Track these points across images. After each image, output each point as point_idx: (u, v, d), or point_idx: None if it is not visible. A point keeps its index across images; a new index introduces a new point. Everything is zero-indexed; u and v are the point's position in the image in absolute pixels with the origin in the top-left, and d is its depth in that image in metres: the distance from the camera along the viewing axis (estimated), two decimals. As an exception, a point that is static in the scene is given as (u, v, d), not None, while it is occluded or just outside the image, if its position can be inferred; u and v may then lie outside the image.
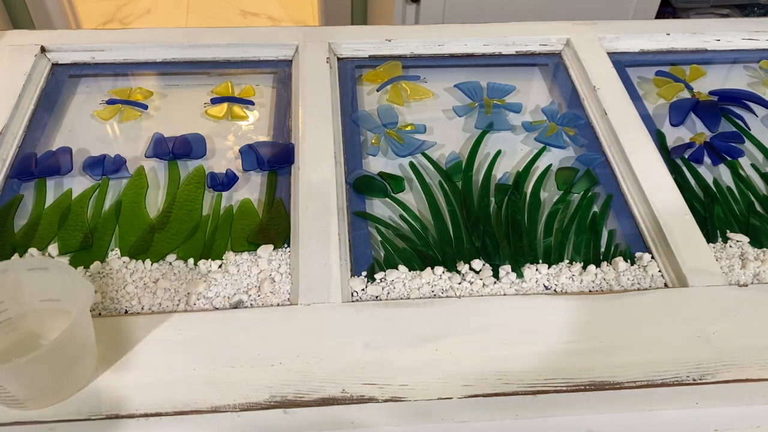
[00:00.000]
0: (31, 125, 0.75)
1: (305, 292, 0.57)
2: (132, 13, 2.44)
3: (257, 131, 0.78)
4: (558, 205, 0.69)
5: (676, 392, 0.52)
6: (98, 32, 0.89)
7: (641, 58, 0.91)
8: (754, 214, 0.70)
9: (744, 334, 0.55)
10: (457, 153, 0.76)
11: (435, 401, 0.50)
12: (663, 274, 0.62)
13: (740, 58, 0.93)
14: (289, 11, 2.49)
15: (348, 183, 0.70)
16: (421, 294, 0.59)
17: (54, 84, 0.82)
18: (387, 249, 0.64)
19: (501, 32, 0.90)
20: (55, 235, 0.63)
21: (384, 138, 0.77)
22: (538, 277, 0.62)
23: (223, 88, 0.83)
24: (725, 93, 0.86)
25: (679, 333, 0.55)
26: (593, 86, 0.82)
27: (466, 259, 0.63)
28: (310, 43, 0.86)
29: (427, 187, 0.71)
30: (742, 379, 0.53)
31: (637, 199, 0.69)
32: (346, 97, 0.81)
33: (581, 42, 0.89)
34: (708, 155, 0.77)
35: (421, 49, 0.89)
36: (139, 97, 0.81)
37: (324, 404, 0.50)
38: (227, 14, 2.46)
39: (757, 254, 0.65)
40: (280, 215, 0.66)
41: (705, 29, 0.93)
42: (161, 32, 0.87)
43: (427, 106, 0.83)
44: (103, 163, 0.71)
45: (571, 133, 0.79)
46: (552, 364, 0.53)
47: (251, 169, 0.72)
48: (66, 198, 0.68)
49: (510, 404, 0.51)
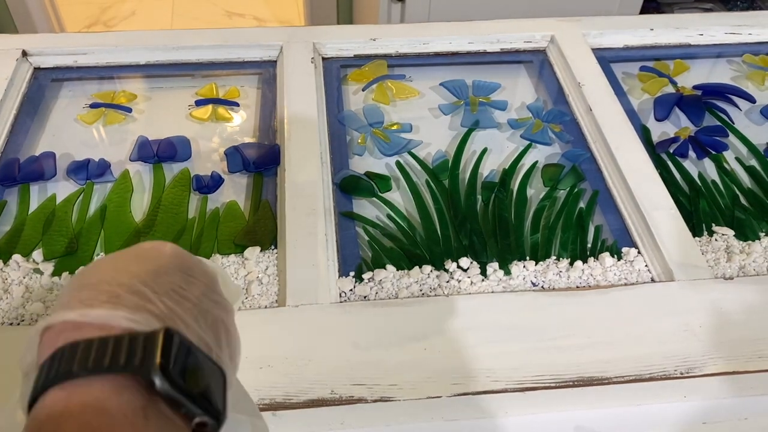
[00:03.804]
0: (13, 130, 0.75)
1: (293, 293, 0.57)
2: (116, 15, 2.42)
3: (242, 133, 0.78)
4: (544, 202, 0.70)
5: (664, 386, 0.52)
6: (80, 36, 0.88)
7: (625, 53, 0.92)
8: (739, 207, 0.70)
9: (730, 328, 0.56)
10: (443, 151, 0.76)
11: (424, 400, 0.50)
12: (649, 269, 0.63)
13: (724, 53, 0.94)
14: (275, 11, 2.48)
15: (334, 183, 0.70)
16: (409, 293, 0.59)
17: (36, 88, 0.81)
18: (375, 249, 0.64)
19: (486, 30, 0.90)
20: (40, 241, 0.63)
21: (370, 137, 0.77)
22: (525, 274, 0.62)
23: (207, 89, 0.82)
24: (709, 87, 0.87)
25: (666, 327, 0.55)
26: (578, 82, 0.82)
27: (453, 258, 0.63)
28: (295, 44, 0.85)
29: (414, 186, 0.71)
30: (729, 371, 0.53)
31: (623, 194, 0.69)
32: (332, 97, 0.81)
33: (565, 38, 0.89)
34: (693, 149, 0.77)
35: (406, 47, 0.89)
36: (122, 101, 0.80)
37: (313, 406, 0.49)
38: (213, 15, 2.45)
39: (743, 247, 0.65)
40: (267, 217, 0.66)
41: (688, 24, 0.93)
42: (144, 35, 0.86)
43: (413, 104, 0.83)
44: (87, 168, 0.70)
45: (556, 129, 0.79)
46: (540, 360, 0.53)
47: (237, 171, 0.71)
48: (50, 203, 0.67)
49: (499, 402, 0.51)
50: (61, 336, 0.27)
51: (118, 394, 0.25)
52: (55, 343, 0.26)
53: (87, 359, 0.25)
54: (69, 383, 0.25)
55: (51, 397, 0.25)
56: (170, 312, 0.29)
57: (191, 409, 0.26)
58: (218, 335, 0.31)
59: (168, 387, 0.25)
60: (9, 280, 0.59)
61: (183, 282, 0.31)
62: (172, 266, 0.31)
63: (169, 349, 0.26)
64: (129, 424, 0.24)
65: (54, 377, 0.25)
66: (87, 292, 0.28)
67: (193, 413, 0.26)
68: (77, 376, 0.25)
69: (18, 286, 0.58)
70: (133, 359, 0.25)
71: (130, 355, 0.25)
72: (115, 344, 0.26)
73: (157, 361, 0.25)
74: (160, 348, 0.26)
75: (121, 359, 0.25)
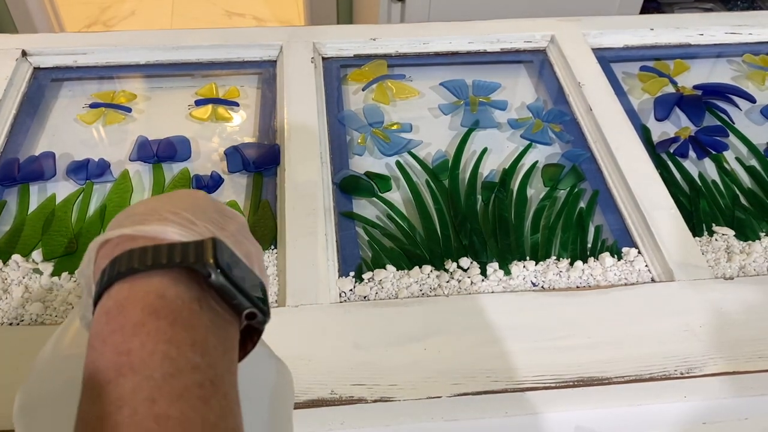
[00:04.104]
0: (13, 130, 0.75)
1: (293, 293, 0.57)
2: (116, 15, 2.42)
3: (242, 132, 0.78)
4: (544, 202, 0.70)
5: (664, 386, 0.52)
6: (80, 35, 0.88)
7: (625, 53, 0.92)
8: (740, 207, 0.70)
9: (730, 328, 0.56)
10: (443, 151, 0.76)
11: (424, 400, 0.50)
12: (649, 269, 0.63)
13: (724, 52, 0.94)
14: (275, 11, 2.48)
15: (334, 183, 0.70)
16: (409, 293, 0.59)
17: (36, 88, 0.81)
18: (374, 249, 0.64)
19: (485, 30, 0.90)
20: (39, 241, 0.63)
21: (370, 137, 0.77)
22: (525, 274, 0.62)
23: (207, 89, 0.82)
24: (709, 87, 0.87)
25: (666, 327, 0.55)
26: (578, 82, 0.82)
27: (453, 258, 0.63)
28: (295, 43, 0.85)
29: (414, 186, 0.71)
30: (730, 372, 0.53)
31: (623, 194, 0.69)
32: (332, 96, 0.81)
33: (566, 38, 0.89)
34: (693, 149, 0.77)
35: (406, 47, 0.89)
36: (122, 100, 0.80)
37: (313, 406, 0.49)
38: (212, 15, 2.45)
39: (743, 247, 0.65)
40: (267, 217, 0.66)
41: (688, 24, 0.93)
42: (144, 35, 0.86)
43: (413, 104, 0.83)
44: (87, 168, 0.70)
45: (556, 129, 0.79)
46: (540, 360, 0.53)
47: (236, 171, 0.71)
48: (50, 203, 0.67)
49: (499, 402, 0.51)
50: (118, 247, 0.29)
51: (174, 284, 0.27)
52: (113, 253, 0.29)
53: (145, 258, 0.28)
54: (131, 277, 0.27)
55: (116, 289, 0.27)
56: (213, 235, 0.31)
57: (242, 301, 0.29)
58: (252, 265, 0.32)
59: (222, 279, 0.28)
60: (8, 280, 0.59)
61: (220, 218, 0.33)
62: (208, 205, 0.34)
63: (219, 251, 0.28)
64: (186, 309, 0.27)
65: (117, 275, 0.28)
66: (137, 217, 0.31)
67: (243, 305, 0.29)
68: (138, 271, 0.27)
69: (17, 286, 0.58)
70: (188, 257, 0.28)
71: (184, 254, 0.28)
72: (170, 248, 0.28)
73: (211, 258, 0.28)
74: (212, 249, 0.28)
75: (176, 257, 0.28)
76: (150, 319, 0.26)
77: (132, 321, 0.26)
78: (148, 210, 0.32)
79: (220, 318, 0.28)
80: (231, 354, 0.29)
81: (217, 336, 0.28)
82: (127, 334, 0.26)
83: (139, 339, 0.26)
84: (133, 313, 0.26)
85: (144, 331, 0.26)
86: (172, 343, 0.26)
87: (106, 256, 0.29)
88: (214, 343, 0.27)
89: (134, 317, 0.26)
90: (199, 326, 0.27)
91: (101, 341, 0.26)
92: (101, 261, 0.30)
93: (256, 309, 0.29)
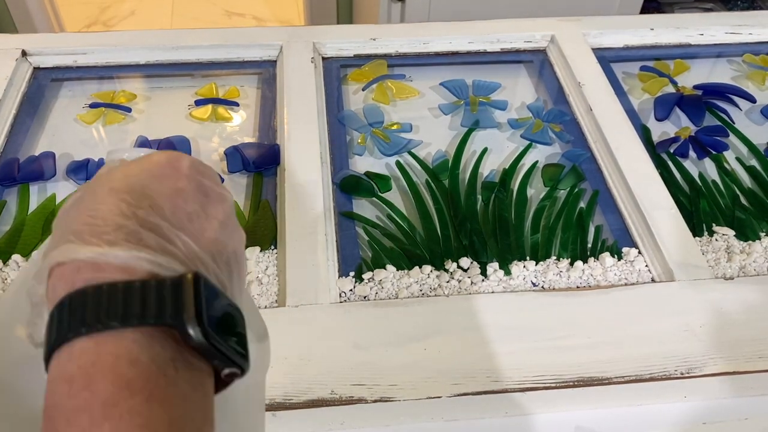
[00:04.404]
0: (13, 130, 0.75)
1: (293, 293, 0.57)
2: (116, 15, 2.42)
3: (242, 132, 0.78)
4: (545, 202, 0.69)
5: (665, 386, 0.52)
6: (80, 35, 0.88)
7: (626, 53, 0.92)
8: (740, 207, 0.70)
9: (731, 328, 0.56)
10: (443, 151, 0.76)
11: (424, 400, 0.50)
12: (650, 269, 0.63)
13: (724, 52, 0.94)
14: (275, 11, 2.48)
15: (334, 183, 0.70)
16: (409, 293, 0.59)
17: (36, 88, 0.81)
18: (375, 249, 0.64)
19: (485, 30, 0.90)
20: (39, 241, 0.63)
21: (370, 137, 0.77)
22: (525, 274, 0.62)
23: (207, 89, 0.82)
24: (709, 87, 0.87)
25: (666, 327, 0.55)
26: (578, 82, 0.82)
27: (453, 258, 0.63)
28: (295, 43, 0.85)
29: (414, 186, 0.71)
30: (730, 372, 0.53)
31: (624, 194, 0.69)
32: (332, 96, 0.81)
33: (566, 38, 0.89)
34: (693, 149, 0.77)
35: (406, 47, 0.89)
36: (122, 100, 0.80)
37: (313, 406, 0.49)
38: (212, 15, 2.45)
39: (743, 247, 0.65)
40: (267, 217, 0.66)
41: (688, 24, 0.93)
42: (144, 34, 0.86)
43: (413, 104, 0.83)
44: (86, 168, 0.70)
45: (556, 129, 0.79)
46: (540, 360, 0.53)
47: (236, 171, 0.71)
48: (50, 203, 0.67)
49: (499, 402, 0.51)
50: (80, 276, 0.25)
51: (149, 345, 0.24)
52: (73, 282, 0.25)
53: (116, 308, 0.24)
54: (97, 334, 0.24)
55: (79, 348, 0.24)
56: (191, 253, 0.27)
57: (222, 362, 0.26)
58: (231, 270, 0.30)
59: (203, 340, 0.25)
60: (9, 280, 0.59)
61: (201, 210, 0.29)
62: (190, 190, 0.30)
63: (199, 297, 0.25)
64: (162, 377, 0.24)
65: (80, 325, 0.24)
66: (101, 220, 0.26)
67: (223, 365, 0.26)
68: (107, 328, 0.24)
69: (17, 286, 0.58)
70: (164, 310, 0.24)
71: (160, 305, 0.24)
72: (143, 291, 0.24)
73: (192, 313, 0.24)
74: (192, 297, 0.25)
75: (151, 309, 0.24)
76: (122, 397, 0.23)
77: (101, 398, 0.23)
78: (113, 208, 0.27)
79: (197, 372, 0.25)
80: (209, 413, 0.26)
81: (195, 400, 0.25)
82: (96, 417, 0.23)
83: (111, 424, 0.22)
84: (103, 387, 0.23)
85: (116, 414, 0.23)
86: (149, 428, 0.23)
87: (65, 281, 0.25)
88: (192, 410, 0.25)
89: (104, 393, 0.23)
90: (175, 397, 0.24)
91: (64, 421, 0.23)
92: (57, 285, 0.26)
93: (236, 368, 0.26)
